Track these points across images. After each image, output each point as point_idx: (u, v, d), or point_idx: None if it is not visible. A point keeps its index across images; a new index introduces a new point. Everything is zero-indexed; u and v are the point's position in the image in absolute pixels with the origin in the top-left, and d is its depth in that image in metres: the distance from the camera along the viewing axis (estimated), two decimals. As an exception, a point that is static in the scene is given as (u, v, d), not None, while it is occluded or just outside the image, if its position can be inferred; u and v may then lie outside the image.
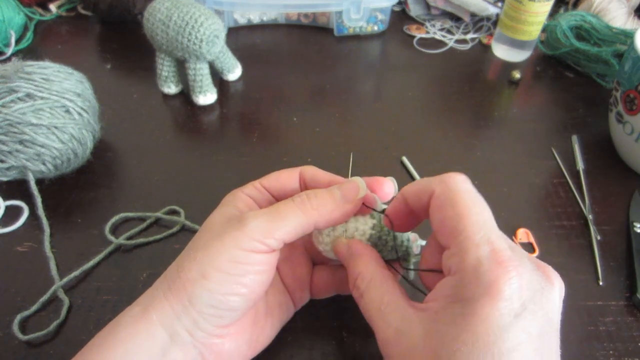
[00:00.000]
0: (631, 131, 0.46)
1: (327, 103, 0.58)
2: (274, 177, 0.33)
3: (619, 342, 0.36)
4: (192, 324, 0.26)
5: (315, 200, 0.29)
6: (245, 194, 0.32)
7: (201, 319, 0.26)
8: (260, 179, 0.33)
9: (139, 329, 0.26)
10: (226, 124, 0.55)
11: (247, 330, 0.30)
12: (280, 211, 0.28)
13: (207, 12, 0.52)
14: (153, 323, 0.26)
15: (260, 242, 0.27)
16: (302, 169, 0.33)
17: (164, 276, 0.28)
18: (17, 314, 0.36)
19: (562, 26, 0.63)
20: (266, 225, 0.27)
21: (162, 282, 0.28)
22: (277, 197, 0.33)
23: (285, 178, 0.33)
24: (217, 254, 0.26)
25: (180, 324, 0.26)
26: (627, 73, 0.46)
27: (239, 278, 0.26)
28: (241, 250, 0.26)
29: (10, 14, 0.63)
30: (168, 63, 0.56)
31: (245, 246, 0.26)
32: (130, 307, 0.28)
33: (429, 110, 0.58)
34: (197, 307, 0.26)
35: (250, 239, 0.26)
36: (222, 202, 0.32)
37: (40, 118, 0.41)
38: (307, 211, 0.28)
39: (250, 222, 0.27)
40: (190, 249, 0.28)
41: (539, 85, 0.63)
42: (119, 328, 0.26)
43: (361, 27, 0.70)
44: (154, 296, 0.27)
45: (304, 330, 0.37)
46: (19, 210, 0.44)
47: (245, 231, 0.26)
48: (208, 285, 0.26)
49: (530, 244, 0.43)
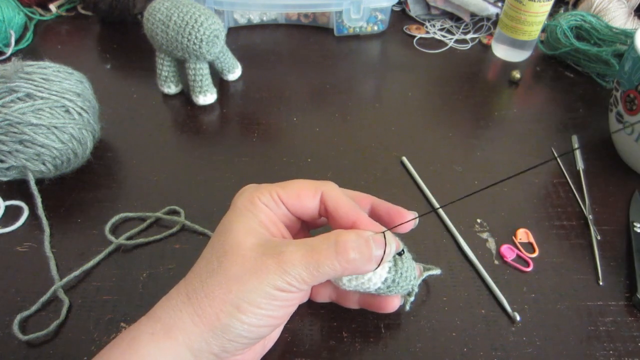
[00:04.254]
0: (631, 131, 0.46)
1: (327, 103, 0.58)
2: (295, 194, 0.31)
3: (619, 342, 0.36)
4: (220, 350, 0.27)
5: (355, 255, 0.28)
6: (263, 204, 0.30)
7: (230, 346, 0.27)
8: (278, 188, 0.31)
9: (163, 348, 0.26)
10: (226, 124, 0.55)
11: (262, 342, 0.32)
12: (321, 262, 0.27)
13: (207, 12, 0.52)
14: (179, 345, 0.26)
15: (296, 287, 0.27)
16: (323, 189, 0.31)
17: (186, 296, 0.27)
18: (17, 314, 0.36)
19: (562, 26, 0.63)
20: (304, 274, 0.27)
21: (185, 304, 0.27)
22: (293, 212, 0.31)
23: (306, 197, 0.31)
24: (253, 292, 0.26)
25: (208, 349, 0.27)
26: (627, 73, 0.46)
27: (272, 312, 0.27)
28: (278, 291, 0.27)
29: (10, 14, 0.63)
30: (168, 63, 0.56)
31: (282, 287, 0.27)
32: (147, 322, 0.27)
33: (429, 110, 0.58)
34: (229, 337, 0.27)
35: (287, 284, 0.27)
36: (238, 206, 0.30)
37: (40, 118, 0.41)
38: (345, 266, 0.28)
39: (289, 268, 0.27)
40: (220, 274, 0.27)
41: (539, 85, 0.63)
42: (138, 345, 0.26)
43: (361, 27, 0.70)
44: (177, 317, 0.27)
45: (304, 330, 0.37)
46: (19, 210, 0.44)
47: (283, 276, 0.27)
48: (243, 318, 0.27)
49: (530, 244, 0.43)
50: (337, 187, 0.32)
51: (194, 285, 0.27)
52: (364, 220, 0.30)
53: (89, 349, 0.35)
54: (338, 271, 0.28)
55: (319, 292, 0.36)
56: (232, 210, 0.30)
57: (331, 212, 0.31)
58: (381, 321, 0.37)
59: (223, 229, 0.29)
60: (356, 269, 0.29)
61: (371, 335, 0.37)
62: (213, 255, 0.28)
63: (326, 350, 0.36)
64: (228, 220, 0.30)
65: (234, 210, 0.30)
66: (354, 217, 0.30)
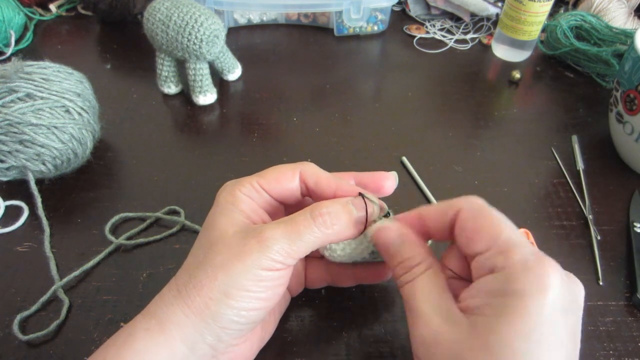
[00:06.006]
0: (631, 131, 0.46)
1: (327, 103, 0.58)
2: (273, 178, 0.32)
3: (619, 342, 0.36)
4: (215, 339, 0.27)
5: (332, 220, 0.28)
6: (244, 195, 0.31)
7: (223, 334, 0.27)
8: (257, 177, 0.32)
9: (158, 342, 0.26)
10: (226, 124, 0.55)
11: (258, 331, 0.32)
12: (301, 232, 0.28)
13: (207, 12, 0.52)
14: (173, 338, 0.26)
15: (281, 263, 0.27)
16: (301, 169, 0.32)
17: (177, 290, 0.28)
18: (17, 314, 0.36)
19: (562, 26, 0.63)
20: (287, 246, 0.27)
21: (176, 298, 0.27)
22: (276, 197, 0.32)
23: (285, 179, 0.32)
24: (239, 275, 0.27)
25: (202, 340, 0.27)
26: (627, 73, 0.46)
27: (261, 294, 0.27)
28: (263, 270, 0.27)
29: (10, 14, 0.63)
30: (168, 63, 0.56)
31: (267, 266, 0.27)
32: (142, 319, 0.27)
33: (429, 110, 0.58)
34: (221, 324, 0.27)
35: (271, 260, 0.27)
36: (221, 201, 0.31)
37: (40, 118, 0.41)
38: (326, 232, 0.28)
39: (271, 244, 0.27)
40: (205, 264, 0.28)
41: (539, 85, 0.63)
42: (134, 341, 0.26)
43: (361, 27, 0.70)
44: (170, 311, 0.27)
45: (303, 330, 0.37)
46: (19, 210, 0.44)
47: (266, 253, 0.27)
48: (232, 303, 0.27)
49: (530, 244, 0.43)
50: (315, 165, 0.33)
51: (184, 279, 0.28)
52: (344, 187, 0.31)
53: (89, 349, 0.35)
54: (320, 238, 0.28)
55: (314, 278, 0.36)
56: (215, 206, 0.31)
57: (312, 187, 0.32)
58: (381, 321, 0.37)
59: (207, 225, 0.30)
60: (340, 234, 0.29)
61: (371, 335, 0.37)
62: (199, 249, 0.29)
63: (326, 350, 0.36)
64: (211, 216, 0.30)
65: (217, 206, 0.31)
66: (335, 186, 0.31)
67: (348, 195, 0.31)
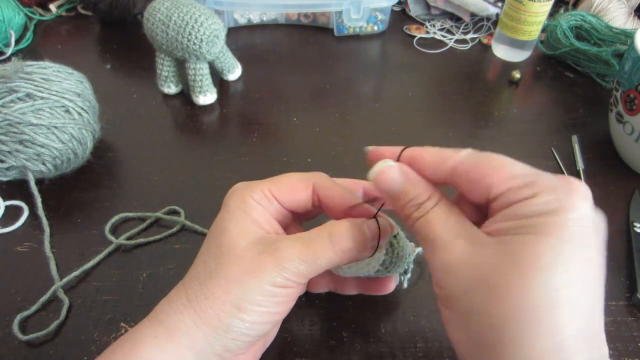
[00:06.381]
0: (631, 131, 0.46)
1: (327, 103, 0.58)
2: (286, 188, 0.31)
3: (619, 342, 0.36)
4: (223, 349, 0.27)
5: (350, 245, 0.28)
6: (255, 202, 0.30)
7: (232, 344, 0.27)
8: (269, 184, 0.31)
9: (166, 350, 0.26)
10: (226, 124, 0.55)
11: (262, 340, 0.32)
12: (317, 254, 0.28)
13: (207, 12, 0.52)
14: (182, 347, 0.26)
15: (294, 282, 0.28)
16: (315, 181, 0.31)
17: (187, 299, 0.27)
18: (17, 314, 0.36)
19: (562, 26, 0.63)
20: (302, 267, 0.27)
21: (186, 307, 0.27)
22: (287, 207, 0.31)
23: (298, 190, 0.31)
24: (253, 291, 0.27)
25: (211, 349, 0.27)
26: (627, 73, 0.46)
27: (272, 309, 0.28)
28: (276, 287, 0.27)
29: (10, 14, 0.63)
30: (168, 63, 0.56)
31: (281, 283, 0.27)
32: (149, 325, 0.27)
33: (429, 110, 0.58)
34: (231, 336, 0.27)
35: (285, 279, 0.27)
36: (231, 206, 0.30)
37: (40, 118, 0.41)
38: (343, 256, 0.28)
39: (287, 264, 0.27)
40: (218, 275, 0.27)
41: (539, 85, 0.63)
42: (142, 348, 0.26)
43: (361, 27, 0.70)
44: (180, 320, 0.27)
45: (303, 330, 0.37)
46: (19, 210, 0.44)
47: (281, 272, 0.27)
48: (244, 317, 0.27)
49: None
50: (328, 177, 0.32)
51: (193, 288, 0.27)
52: (358, 207, 0.31)
53: (89, 349, 0.35)
54: (335, 262, 0.28)
55: (317, 282, 0.36)
56: (225, 211, 0.30)
57: (324, 202, 0.31)
58: (381, 321, 0.37)
59: (217, 230, 0.29)
60: (353, 257, 0.29)
61: (371, 335, 0.37)
62: (210, 257, 0.28)
63: (326, 350, 0.36)
64: (221, 221, 0.30)
65: (226, 211, 0.30)
66: (347, 202, 0.31)
67: (362, 216, 0.30)
